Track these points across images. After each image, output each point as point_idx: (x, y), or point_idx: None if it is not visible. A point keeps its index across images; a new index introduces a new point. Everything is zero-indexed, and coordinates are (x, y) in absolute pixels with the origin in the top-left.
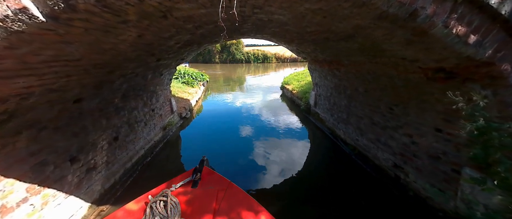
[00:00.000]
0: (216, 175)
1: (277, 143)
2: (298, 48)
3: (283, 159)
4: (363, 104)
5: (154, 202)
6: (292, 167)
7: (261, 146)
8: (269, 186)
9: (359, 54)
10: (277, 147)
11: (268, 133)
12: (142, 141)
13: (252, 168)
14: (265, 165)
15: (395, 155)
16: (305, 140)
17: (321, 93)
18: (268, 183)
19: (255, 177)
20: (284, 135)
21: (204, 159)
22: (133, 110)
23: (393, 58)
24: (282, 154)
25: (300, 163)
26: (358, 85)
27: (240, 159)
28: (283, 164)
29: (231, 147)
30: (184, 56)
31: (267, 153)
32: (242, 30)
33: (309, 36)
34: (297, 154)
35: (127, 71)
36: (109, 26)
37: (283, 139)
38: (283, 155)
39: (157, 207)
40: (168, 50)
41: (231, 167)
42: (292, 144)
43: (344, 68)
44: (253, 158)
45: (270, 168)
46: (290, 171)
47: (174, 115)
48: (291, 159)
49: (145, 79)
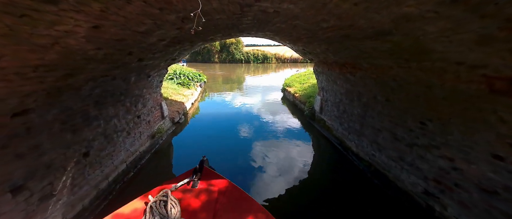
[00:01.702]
0: (216, 175)
1: (278, 152)
2: (305, 49)
3: (285, 169)
4: (383, 116)
5: (154, 202)
6: (296, 180)
7: (260, 153)
8: (270, 198)
9: (386, 57)
10: (278, 155)
11: (267, 139)
12: (124, 154)
13: (250, 179)
14: (265, 175)
15: (426, 180)
16: (309, 149)
17: (328, 98)
18: (269, 196)
19: (254, 189)
20: (286, 143)
21: (204, 159)
22: (112, 118)
23: (441, 62)
24: (284, 163)
25: (305, 177)
26: (377, 93)
27: (236, 168)
28: (285, 175)
29: (228, 156)
30: (175, 56)
31: (267, 161)
32: (241, 26)
33: (323, 34)
34: (301, 166)
35: (97, 74)
36: (23, 7)
37: (284, 147)
38: (285, 165)
39: (157, 207)
40: (151, 49)
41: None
42: (295, 153)
43: (361, 73)
44: (250, 166)
45: (271, 179)
46: (294, 184)
47: (165, 120)
48: (294, 170)
49: (127, 83)
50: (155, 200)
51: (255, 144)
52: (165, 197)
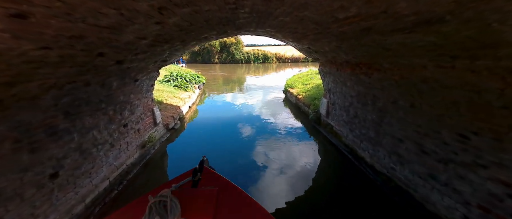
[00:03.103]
0: (216, 175)
1: (281, 158)
2: (311, 47)
3: (289, 177)
4: (405, 123)
5: (154, 202)
6: (300, 190)
7: (261, 159)
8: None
9: (421, 54)
10: (281, 162)
11: (269, 144)
12: (107, 169)
13: (250, 185)
14: (267, 183)
15: (468, 205)
16: (315, 156)
17: (336, 101)
18: (272, 207)
19: (255, 197)
20: (289, 148)
21: (204, 159)
22: (90, 129)
23: (510, 60)
24: (287, 170)
25: (310, 185)
26: (399, 97)
27: (236, 172)
28: (289, 184)
29: (227, 160)
30: (165, 57)
31: (269, 168)
32: (238, 22)
33: (337, 28)
34: (306, 174)
35: (60, 80)
36: None
37: (287, 152)
38: (289, 172)
39: (157, 207)
40: (131, 49)
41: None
42: (299, 160)
43: (378, 74)
44: (251, 173)
45: (273, 189)
46: (299, 194)
47: (158, 127)
48: (298, 178)
49: (108, 88)
50: (155, 200)
51: (256, 149)
52: (165, 197)
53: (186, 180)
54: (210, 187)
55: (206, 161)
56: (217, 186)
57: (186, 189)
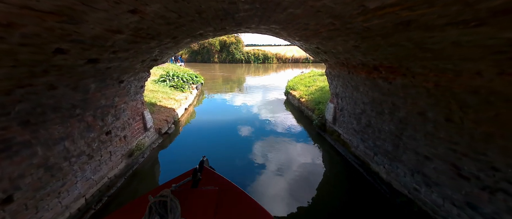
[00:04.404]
0: (216, 175)
1: (283, 164)
2: (320, 47)
3: (290, 187)
4: (436, 139)
5: (154, 202)
6: (303, 202)
7: (261, 165)
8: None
9: (478, 57)
10: (283, 169)
11: (271, 148)
12: (82, 185)
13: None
14: (266, 191)
15: None
16: (319, 166)
17: (345, 107)
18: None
19: None
20: (290, 156)
21: (204, 159)
22: (60, 140)
23: None
24: (289, 180)
25: (313, 196)
26: (428, 109)
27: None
28: (290, 196)
29: (223, 171)
30: (155, 56)
31: (270, 173)
32: (238, 16)
33: (363, 22)
34: (309, 185)
35: (4, 84)
36: None
37: (289, 159)
38: (291, 182)
39: (156, 207)
40: (104, 46)
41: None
42: (301, 169)
43: (403, 79)
44: (247, 181)
45: (275, 199)
46: (303, 207)
47: (148, 132)
48: (300, 190)
49: (85, 92)
50: (154, 200)
51: (255, 154)
52: (165, 197)
53: (186, 180)
54: (210, 187)
55: (206, 161)
56: (217, 186)
57: (186, 189)
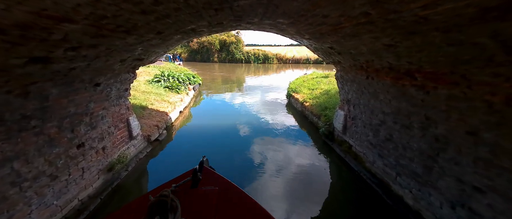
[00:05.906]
0: (216, 175)
1: (285, 174)
2: (335, 47)
3: (294, 201)
4: (493, 168)
5: (154, 202)
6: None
7: (261, 171)
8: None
9: None
10: (286, 180)
11: (272, 155)
12: (37, 215)
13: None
14: (267, 205)
15: None
16: (326, 179)
17: (359, 116)
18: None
19: None
20: (294, 165)
21: (204, 159)
22: (7, 161)
23: None
24: (294, 192)
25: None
26: (484, 128)
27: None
28: (294, 211)
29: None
30: (138, 54)
31: (270, 182)
32: (237, 8)
33: (419, 10)
34: (317, 199)
35: None
36: None
37: (290, 169)
38: (296, 195)
39: (157, 207)
40: (45, 39)
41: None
42: (305, 181)
43: (450, 89)
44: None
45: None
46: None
47: (135, 141)
48: (306, 204)
49: (42, 98)
50: (154, 200)
51: (255, 159)
52: (165, 197)
53: (186, 180)
54: (210, 187)
55: (206, 161)
56: (217, 186)
57: (186, 189)
